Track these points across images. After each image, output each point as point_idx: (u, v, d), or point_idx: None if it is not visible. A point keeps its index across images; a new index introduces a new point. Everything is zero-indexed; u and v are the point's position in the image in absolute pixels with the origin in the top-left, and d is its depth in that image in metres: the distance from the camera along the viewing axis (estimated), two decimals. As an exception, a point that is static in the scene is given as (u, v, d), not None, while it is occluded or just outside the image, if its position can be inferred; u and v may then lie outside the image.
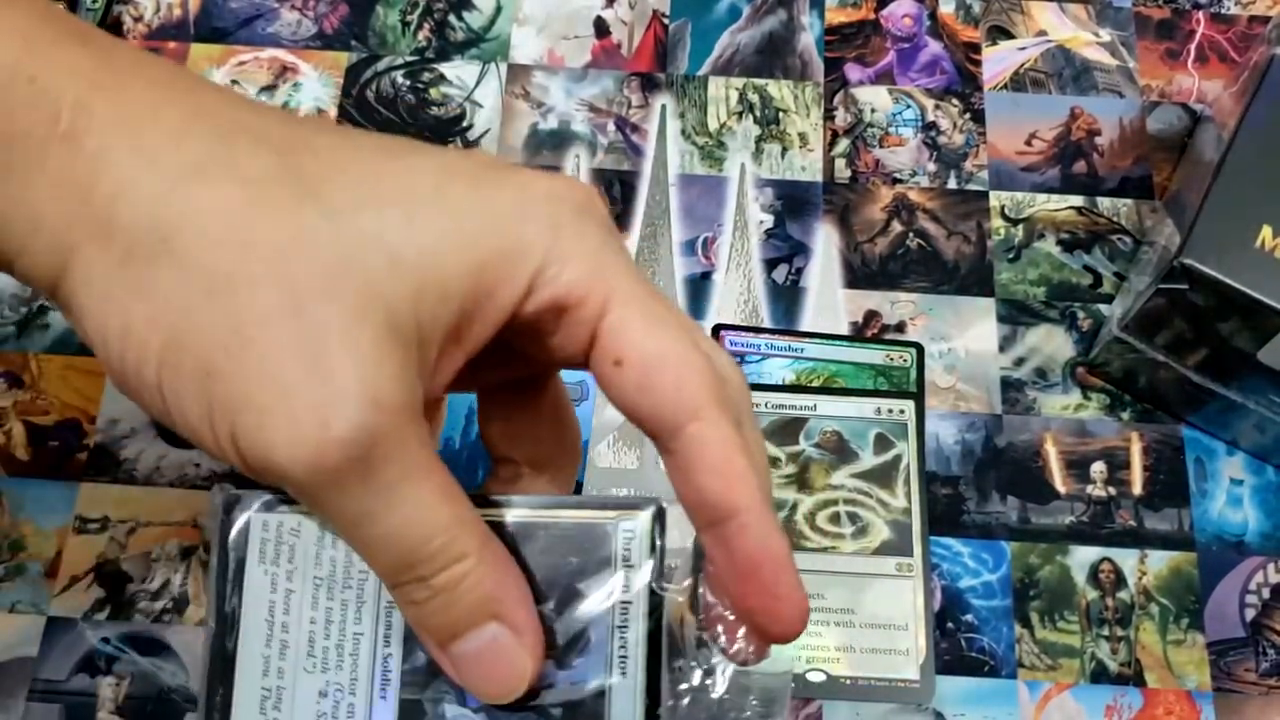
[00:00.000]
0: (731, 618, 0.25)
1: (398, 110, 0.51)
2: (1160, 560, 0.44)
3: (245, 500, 0.26)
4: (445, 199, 0.23)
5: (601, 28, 0.53)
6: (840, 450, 0.44)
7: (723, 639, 0.25)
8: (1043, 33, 0.53)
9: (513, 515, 0.25)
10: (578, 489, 0.39)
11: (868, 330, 0.47)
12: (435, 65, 0.52)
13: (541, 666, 0.24)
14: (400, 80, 0.52)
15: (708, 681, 0.25)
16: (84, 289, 0.22)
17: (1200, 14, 0.54)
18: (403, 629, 0.25)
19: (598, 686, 0.24)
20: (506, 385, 0.29)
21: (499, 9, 0.53)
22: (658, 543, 0.25)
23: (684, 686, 0.24)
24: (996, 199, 0.50)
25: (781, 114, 0.51)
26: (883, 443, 0.44)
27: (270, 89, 0.51)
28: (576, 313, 0.24)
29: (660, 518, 0.25)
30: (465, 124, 0.51)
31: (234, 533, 0.25)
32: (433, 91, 0.52)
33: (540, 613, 0.25)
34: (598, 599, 0.25)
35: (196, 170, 0.22)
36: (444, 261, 0.23)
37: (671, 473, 0.24)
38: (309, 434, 0.21)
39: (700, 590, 0.25)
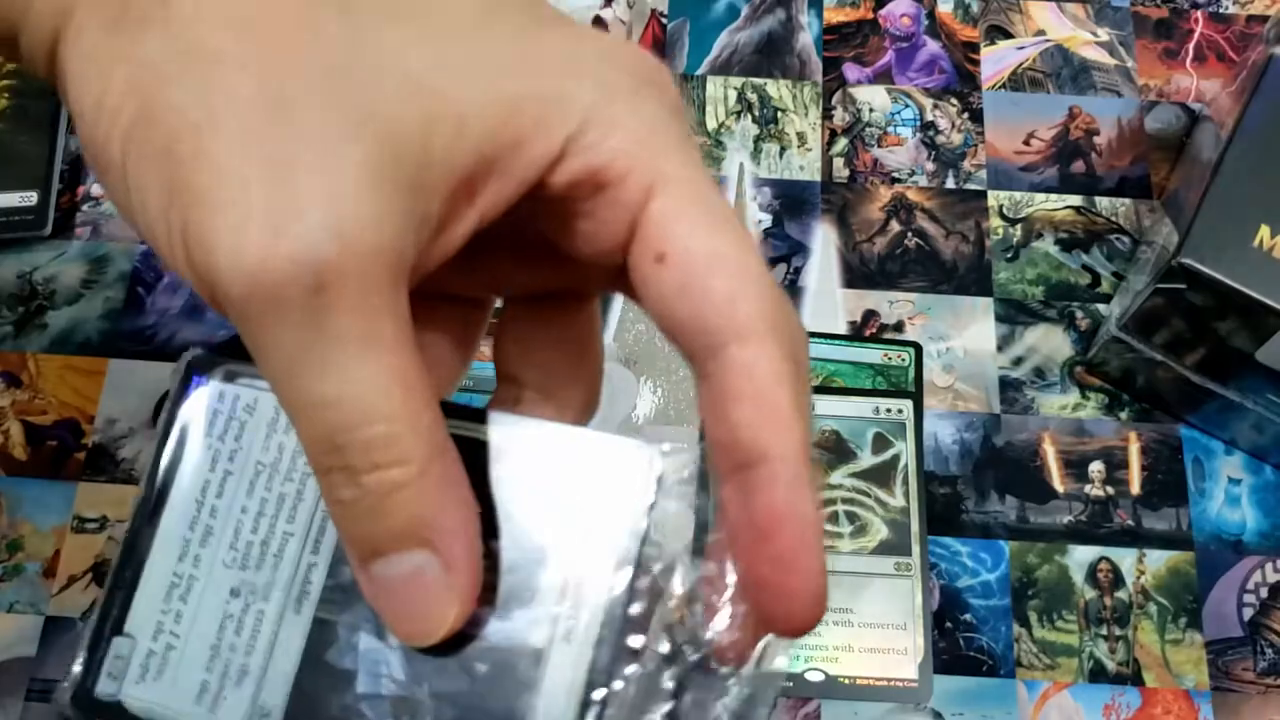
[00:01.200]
0: (722, 601, 0.21)
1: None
2: (1158, 559, 0.44)
3: (208, 365, 0.23)
4: (486, 30, 0.20)
5: (600, 27, 0.53)
6: (838, 450, 0.44)
7: (712, 625, 0.21)
8: (1041, 32, 0.53)
9: (484, 433, 0.22)
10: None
11: (866, 330, 0.47)
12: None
13: (471, 611, 0.21)
14: (398, 79, 0.52)
15: (669, 672, 0.21)
16: (72, 53, 0.20)
17: (1198, 13, 0.54)
18: (334, 541, 0.22)
19: (536, 648, 0.21)
20: (535, 299, 0.25)
21: (497, 8, 0.53)
22: (642, 492, 0.21)
23: (633, 669, 0.20)
24: (995, 198, 0.50)
25: (780, 113, 0.51)
26: (881, 442, 0.44)
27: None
28: (616, 191, 0.20)
29: (655, 461, 0.21)
30: (464, 123, 0.51)
31: (188, 398, 0.23)
32: (431, 91, 0.51)
33: (487, 549, 0.21)
34: (557, 547, 0.21)
35: None
36: (465, 93, 0.19)
37: (703, 402, 0.21)
38: (256, 241, 0.18)
39: (694, 560, 0.21)
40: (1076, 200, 0.50)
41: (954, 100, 0.52)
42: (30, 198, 0.48)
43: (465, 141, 0.19)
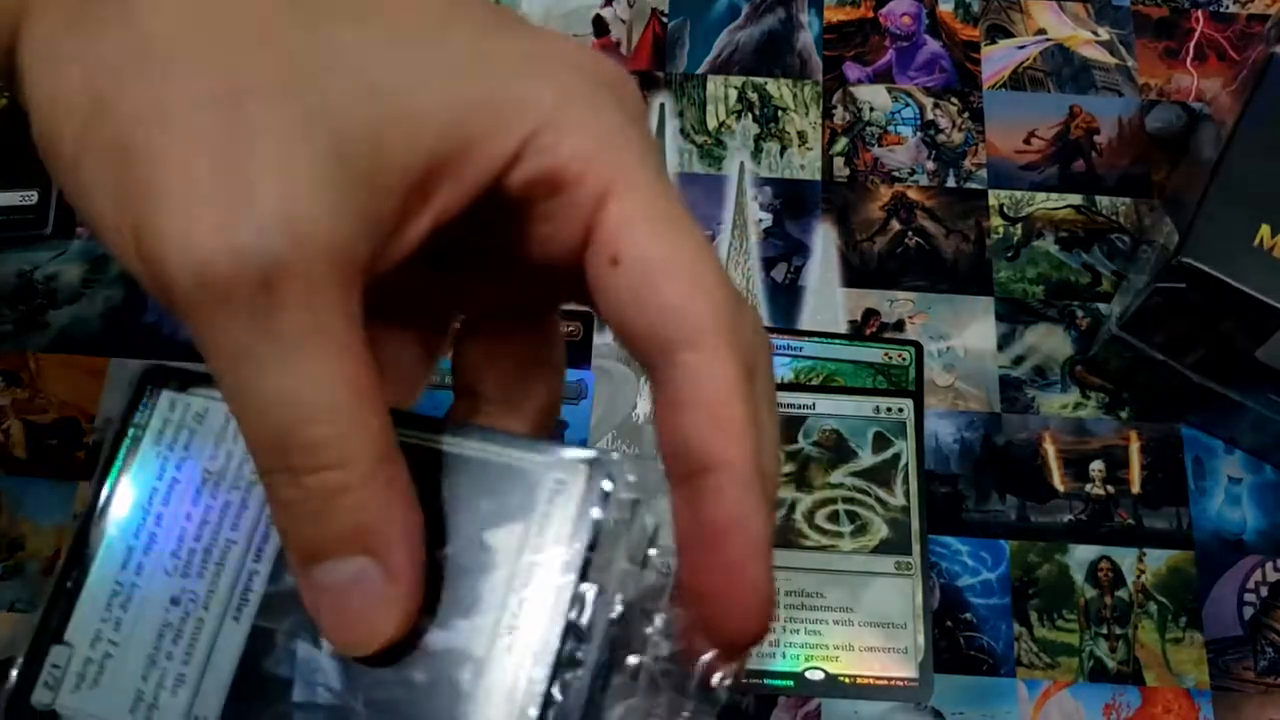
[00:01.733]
0: (663, 610, 0.21)
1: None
2: (1159, 559, 0.44)
3: (161, 375, 0.23)
4: (445, 32, 0.20)
5: (600, 26, 0.53)
6: (839, 449, 0.44)
7: (656, 637, 0.21)
8: (1042, 31, 0.53)
9: (433, 441, 0.22)
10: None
11: (866, 329, 0.47)
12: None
13: (411, 622, 0.20)
14: (399, 78, 0.52)
15: (612, 682, 0.20)
16: (28, 49, 0.20)
17: (1199, 13, 0.54)
18: (276, 548, 0.22)
19: (476, 657, 0.20)
20: (496, 312, 0.25)
21: (498, 7, 0.53)
22: (588, 503, 0.21)
23: (574, 679, 0.20)
24: (995, 197, 0.50)
25: (780, 112, 0.51)
26: (881, 441, 0.44)
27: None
28: (573, 194, 0.20)
29: (602, 471, 0.21)
30: (464, 122, 0.51)
31: (140, 409, 0.23)
32: (431, 90, 0.51)
33: (432, 558, 0.21)
34: (502, 555, 0.21)
35: None
36: (421, 93, 0.19)
37: (655, 408, 0.20)
38: (205, 235, 0.18)
39: (640, 571, 0.21)
40: (1077, 199, 0.50)
41: (954, 99, 0.52)
42: (30, 197, 0.48)
43: (419, 141, 0.19)
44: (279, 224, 0.18)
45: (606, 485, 0.21)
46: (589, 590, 0.20)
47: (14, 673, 0.23)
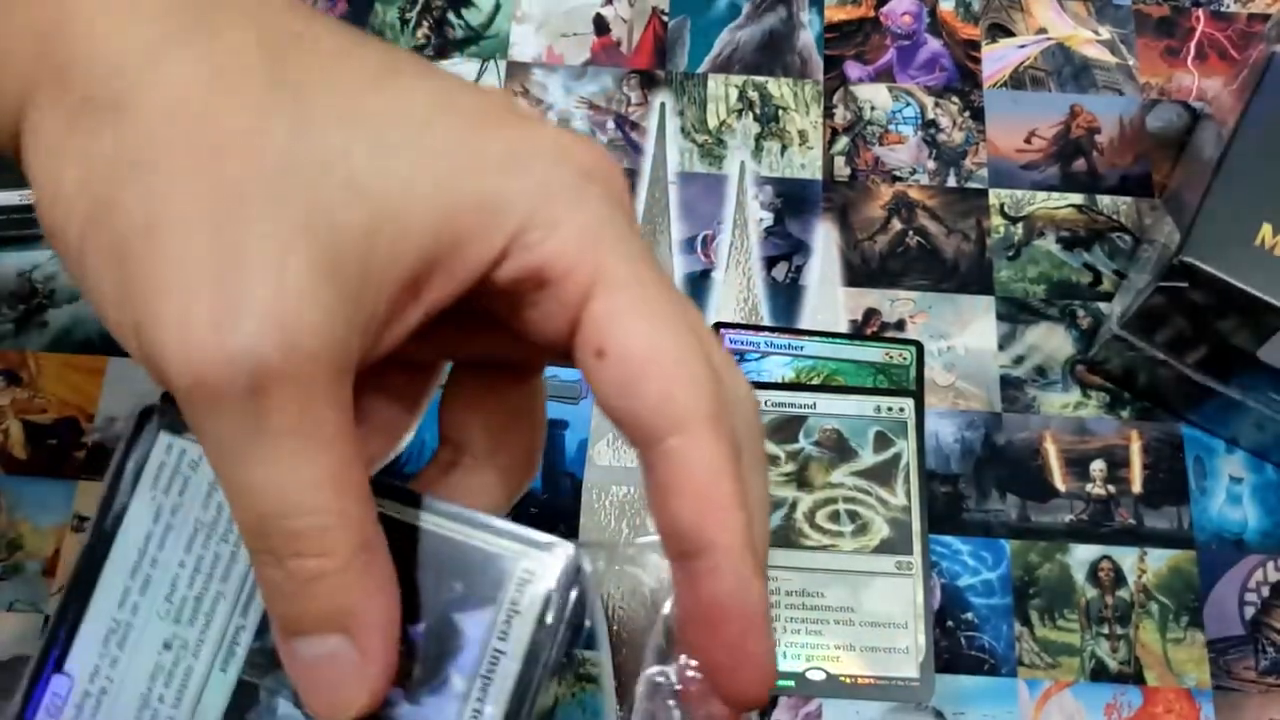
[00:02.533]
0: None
1: (396, 108, 0.51)
2: (1160, 558, 0.44)
3: (159, 416, 0.24)
4: (430, 131, 0.21)
5: (601, 25, 0.53)
6: (840, 448, 0.44)
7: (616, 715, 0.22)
8: (1042, 30, 0.53)
9: (415, 517, 0.23)
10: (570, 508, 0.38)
11: (867, 328, 0.47)
12: (434, 63, 0.52)
13: (383, 699, 0.22)
14: (399, 78, 0.52)
15: None
16: (32, 141, 0.21)
17: (1200, 11, 0.54)
18: (262, 607, 0.23)
19: None
20: (483, 363, 0.26)
21: (498, 6, 0.53)
22: (556, 587, 0.22)
23: None
24: (996, 197, 0.50)
25: (781, 111, 0.51)
26: (882, 441, 0.44)
27: (269, 86, 0.51)
28: (559, 289, 0.21)
29: (572, 568, 0.22)
30: (464, 121, 0.51)
31: (137, 448, 0.24)
32: (431, 89, 0.51)
33: (405, 634, 0.22)
34: (471, 638, 0.22)
35: (169, 38, 0.20)
36: (408, 197, 0.20)
37: (647, 491, 0.22)
38: (200, 340, 0.19)
39: (605, 652, 0.23)
40: (1078, 198, 0.50)
41: (955, 98, 0.52)
42: (30, 196, 0.48)
43: (408, 243, 0.20)
44: (271, 330, 0.19)
45: (572, 571, 0.22)
46: (553, 672, 0.22)
47: (18, 696, 0.23)
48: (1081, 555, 0.44)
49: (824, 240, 0.49)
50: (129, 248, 0.19)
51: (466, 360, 0.26)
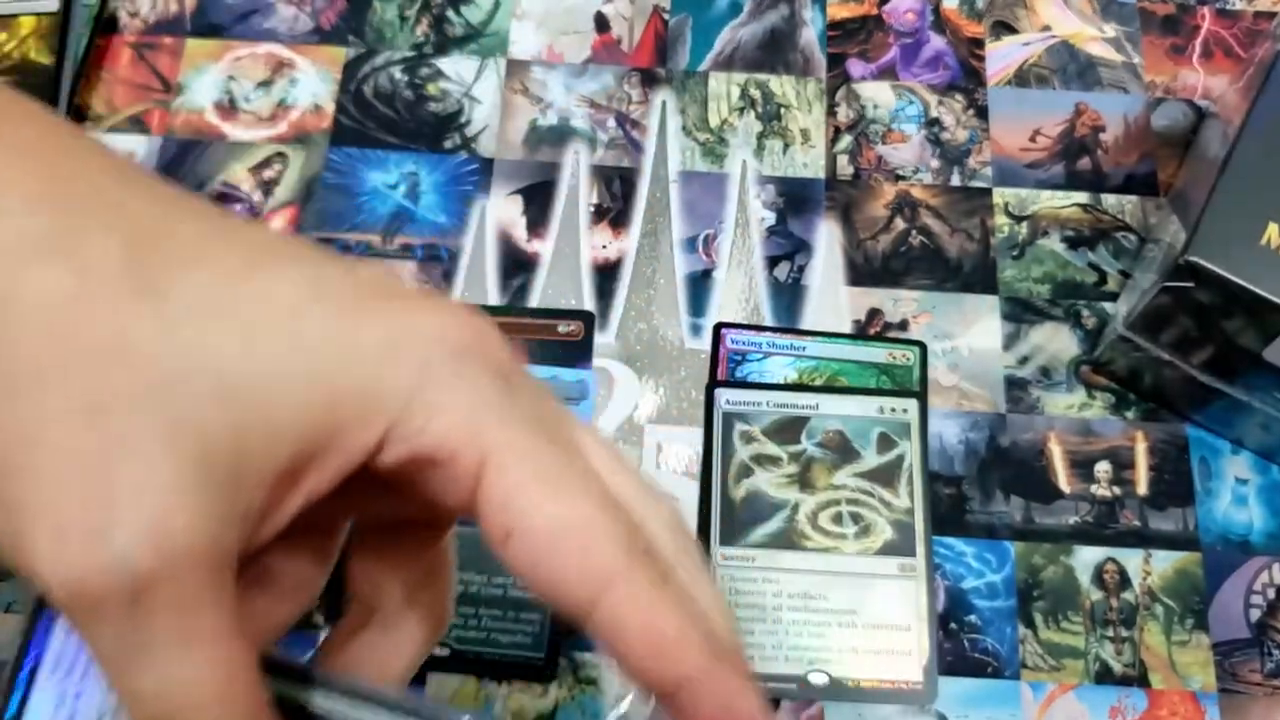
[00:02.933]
0: None
1: (395, 106, 0.51)
2: (1165, 560, 0.43)
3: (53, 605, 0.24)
4: (301, 322, 0.21)
5: (601, 23, 0.53)
6: (843, 449, 0.44)
7: None
8: (1047, 28, 0.53)
9: (309, 700, 0.22)
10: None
11: (870, 328, 0.47)
12: (433, 61, 0.52)
13: None
14: (398, 76, 0.51)
15: None
16: None
17: (1205, 9, 0.53)
18: None
19: None
20: (389, 523, 0.26)
21: (498, 4, 0.53)
22: None
23: None
24: (1000, 196, 0.49)
25: (783, 110, 0.51)
26: (885, 442, 0.44)
27: (267, 84, 0.51)
28: (449, 469, 0.21)
29: None
30: (463, 120, 0.50)
31: (36, 633, 0.24)
32: (430, 87, 0.51)
33: None
34: None
35: (34, 250, 0.20)
36: (278, 395, 0.20)
37: (604, 650, 0.22)
38: (74, 553, 0.19)
39: None
40: (1082, 197, 0.49)
41: (959, 97, 0.51)
42: None
43: (280, 441, 0.20)
44: (144, 537, 0.19)
45: None
46: None
47: None
48: (1086, 557, 0.43)
49: (826, 240, 0.48)
50: (6, 463, 0.19)
51: (374, 521, 0.26)
